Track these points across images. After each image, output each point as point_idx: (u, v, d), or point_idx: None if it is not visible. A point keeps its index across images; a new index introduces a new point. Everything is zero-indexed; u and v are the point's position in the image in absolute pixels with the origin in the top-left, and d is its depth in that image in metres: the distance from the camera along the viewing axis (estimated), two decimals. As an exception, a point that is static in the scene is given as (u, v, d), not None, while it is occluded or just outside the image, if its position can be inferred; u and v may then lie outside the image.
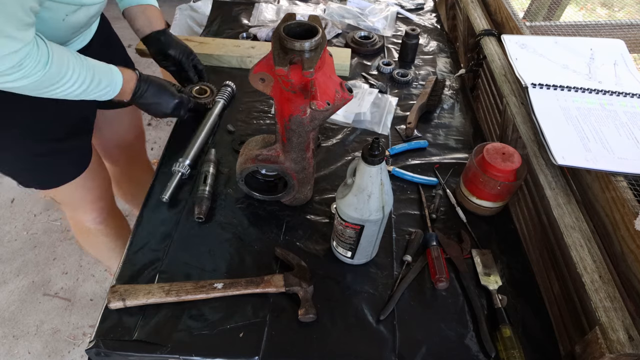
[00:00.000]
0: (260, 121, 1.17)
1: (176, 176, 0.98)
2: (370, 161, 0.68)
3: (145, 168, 1.57)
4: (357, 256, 0.84)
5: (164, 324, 0.76)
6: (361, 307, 0.80)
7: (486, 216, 0.96)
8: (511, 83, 1.05)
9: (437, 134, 1.17)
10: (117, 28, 1.17)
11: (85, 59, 0.81)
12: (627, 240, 0.70)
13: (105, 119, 1.24)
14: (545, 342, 0.78)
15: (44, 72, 0.73)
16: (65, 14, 0.82)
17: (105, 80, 0.85)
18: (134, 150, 1.46)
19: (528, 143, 0.91)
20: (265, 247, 0.88)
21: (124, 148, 1.40)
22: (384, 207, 0.73)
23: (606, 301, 0.66)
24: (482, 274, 0.85)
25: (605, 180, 0.78)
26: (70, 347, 1.60)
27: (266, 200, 0.96)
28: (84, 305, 1.72)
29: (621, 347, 0.61)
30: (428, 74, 1.38)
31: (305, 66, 0.67)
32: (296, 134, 0.79)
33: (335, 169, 1.06)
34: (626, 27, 1.21)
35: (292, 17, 0.74)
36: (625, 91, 0.97)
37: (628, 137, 0.87)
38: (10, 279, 1.79)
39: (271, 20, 1.58)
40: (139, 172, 1.53)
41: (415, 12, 1.71)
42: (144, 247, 0.87)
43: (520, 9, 1.41)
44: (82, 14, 0.86)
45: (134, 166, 1.50)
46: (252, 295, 0.79)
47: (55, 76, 0.76)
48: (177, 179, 0.98)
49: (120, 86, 0.88)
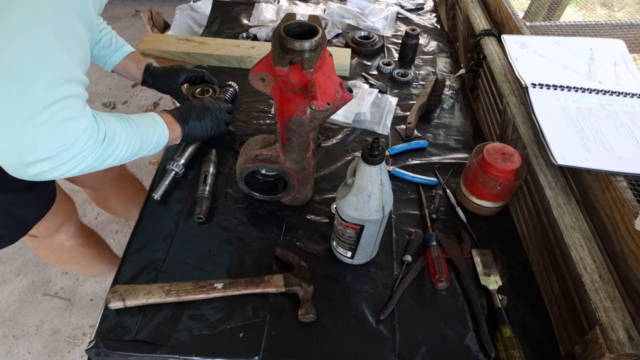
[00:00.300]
0: (260, 121, 1.17)
1: (169, 175, 0.98)
2: (370, 161, 0.68)
3: (130, 182, 1.54)
4: (357, 256, 0.84)
5: (164, 324, 0.76)
6: (361, 307, 0.80)
7: (486, 216, 0.96)
8: (511, 83, 1.05)
9: (437, 134, 1.17)
10: (116, 28, 1.17)
11: (128, 118, 0.76)
12: (627, 240, 0.70)
13: None
14: (545, 342, 0.78)
15: (99, 151, 0.67)
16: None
17: (153, 134, 0.81)
18: (112, 174, 1.41)
19: (528, 143, 0.91)
20: (265, 247, 0.88)
21: (100, 176, 1.36)
22: (384, 207, 0.73)
23: (606, 301, 0.66)
24: (482, 274, 0.85)
25: (605, 180, 0.78)
26: (70, 347, 1.60)
27: (266, 200, 0.96)
28: (84, 305, 1.72)
29: (621, 347, 0.61)
30: (428, 74, 1.38)
31: (305, 66, 0.67)
32: (296, 134, 0.79)
33: (335, 169, 1.06)
34: (626, 27, 1.21)
35: (292, 17, 0.74)
36: (625, 91, 0.97)
37: (628, 137, 0.87)
38: (10, 279, 1.79)
39: (271, 20, 1.58)
40: (124, 190, 1.50)
41: (415, 12, 1.71)
42: (144, 247, 0.87)
43: (520, 9, 1.41)
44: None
45: (117, 187, 1.47)
46: (252, 295, 0.79)
47: (107, 151, 0.69)
48: (170, 178, 0.98)
49: (167, 134, 0.85)
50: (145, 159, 2.27)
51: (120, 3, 3.42)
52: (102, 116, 0.69)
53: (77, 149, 0.63)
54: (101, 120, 0.68)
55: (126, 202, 1.53)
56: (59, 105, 0.59)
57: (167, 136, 0.85)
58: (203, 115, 0.97)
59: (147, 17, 1.93)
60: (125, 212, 1.59)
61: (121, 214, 1.62)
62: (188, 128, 0.93)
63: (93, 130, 0.65)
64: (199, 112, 0.97)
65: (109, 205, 1.54)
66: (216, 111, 1.00)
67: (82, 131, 0.63)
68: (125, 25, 1.03)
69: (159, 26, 1.97)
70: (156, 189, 0.95)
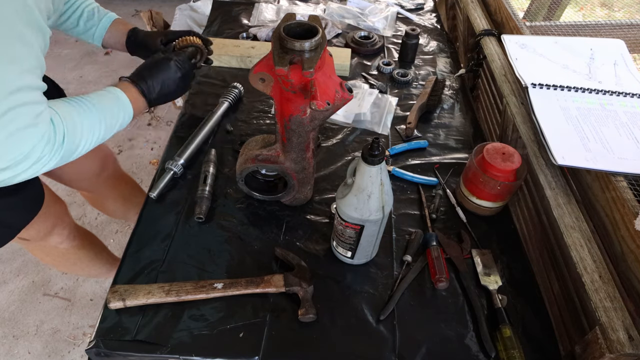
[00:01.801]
0: (260, 121, 1.17)
1: (167, 174, 0.98)
2: (370, 161, 0.68)
3: (126, 183, 1.51)
4: (357, 256, 0.84)
5: (164, 324, 0.76)
6: (361, 307, 0.80)
7: (486, 216, 0.96)
8: (511, 83, 1.05)
9: (437, 134, 1.17)
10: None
11: (89, 104, 0.72)
12: (627, 240, 0.70)
13: None
14: (545, 342, 0.78)
15: (62, 152, 0.66)
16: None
17: (117, 115, 0.77)
18: (107, 174, 1.38)
19: (528, 143, 0.91)
20: (265, 247, 0.88)
21: (94, 177, 1.34)
22: (384, 207, 0.73)
23: (606, 301, 0.66)
24: (482, 274, 0.85)
25: (605, 180, 0.78)
26: (70, 347, 1.60)
27: (266, 200, 0.96)
28: (84, 305, 1.72)
29: (621, 347, 0.61)
30: (428, 74, 1.38)
31: (305, 66, 0.67)
32: (296, 134, 0.79)
33: (335, 169, 1.06)
34: (626, 27, 1.21)
35: (292, 17, 0.74)
36: (625, 91, 0.97)
37: (628, 137, 0.87)
38: (10, 279, 1.78)
39: (271, 20, 1.58)
40: (120, 190, 1.48)
41: (415, 12, 1.71)
42: (144, 247, 0.87)
43: (520, 9, 1.41)
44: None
45: (113, 188, 1.44)
46: (252, 295, 0.79)
47: (70, 148, 0.67)
48: (169, 178, 0.97)
49: (131, 111, 0.81)
50: (145, 159, 2.28)
51: (120, 3, 3.42)
52: (59, 113, 0.66)
53: (36, 155, 0.62)
54: (58, 119, 0.65)
55: (123, 203, 1.52)
56: (9, 116, 0.58)
57: (132, 113, 0.81)
58: (158, 71, 0.88)
59: (147, 17, 1.93)
60: (122, 213, 1.58)
61: (119, 215, 1.61)
62: (149, 93, 0.85)
63: (50, 135, 0.63)
64: (155, 65, 0.88)
65: (105, 206, 1.53)
66: (176, 62, 0.90)
67: (39, 139, 0.61)
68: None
69: (159, 26, 1.97)
70: (154, 188, 0.95)
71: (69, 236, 1.23)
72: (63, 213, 1.19)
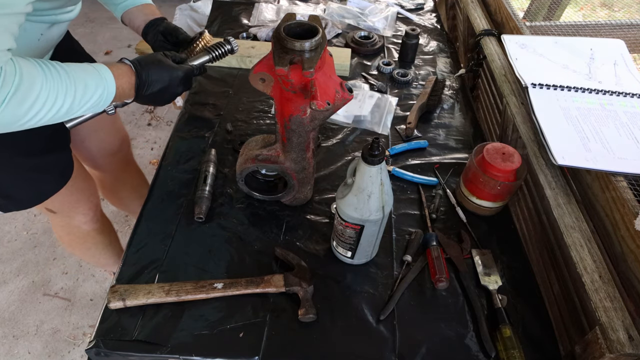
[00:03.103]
0: (260, 121, 1.17)
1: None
2: (370, 161, 0.68)
3: (135, 171, 1.55)
4: (357, 256, 0.84)
5: (164, 324, 0.76)
6: (361, 307, 0.80)
7: (486, 216, 0.96)
8: (511, 83, 1.05)
9: (437, 134, 1.17)
10: (116, 28, 1.17)
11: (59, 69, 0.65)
12: (627, 240, 0.70)
13: (86, 130, 1.20)
14: (545, 342, 0.78)
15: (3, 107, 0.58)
16: (41, 33, 0.76)
17: (94, 84, 0.69)
18: (122, 155, 1.42)
19: (528, 143, 0.91)
20: (265, 247, 0.88)
21: (111, 155, 1.36)
22: (384, 207, 0.74)
23: (606, 301, 0.66)
24: (482, 274, 0.85)
25: (605, 180, 0.78)
26: (70, 347, 1.60)
27: (266, 200, 0.96)
28: (84, 305, 1.72)
29: (621, 347, 0.61)
30: (428, 74, 1.38)
31: (305, 66, 0.67)
32: (296, 134, 0.79)
33: (335, 169, 1.06)
34: (626, 27, 1.21)
35: (292, 17, 0.74)
36: (625, 91, 0.97)
37: (628, 137, 0.87)
38: (10, 279, 1.79)
39: (271, 20, 1.58)
40: (130, 176, 1.51)
41: (415, 12, 1.71)
42: (144, 247, 0.87)
43: (520, 9, 1.41)
44: (55, 31, 0.81)
45: (124, 171, 1.47)
46: (252, 295, 0.79)
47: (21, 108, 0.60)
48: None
49: (114, 84, 0.73)
50: (145, 159, 2.27)
51: (120, 3, 3.42)
52: (19, 65, 0.59)
53: None
54: (13, 69, 0.58)
55: (131, 191, 1.54)
56: None
57: (114, 92, 0.73)
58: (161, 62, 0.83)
59: (147, 17, 1.93)
60: (129, 202, 1.60)
61: (125, 204, 1.63)
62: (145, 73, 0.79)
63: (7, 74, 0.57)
64: (156, 59, 0.83)
65: (115, 191, 1.54)
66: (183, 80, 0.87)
67: None
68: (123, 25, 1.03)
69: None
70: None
71: (93, 218, 1.26)
72: (90, 193, 1.22)
